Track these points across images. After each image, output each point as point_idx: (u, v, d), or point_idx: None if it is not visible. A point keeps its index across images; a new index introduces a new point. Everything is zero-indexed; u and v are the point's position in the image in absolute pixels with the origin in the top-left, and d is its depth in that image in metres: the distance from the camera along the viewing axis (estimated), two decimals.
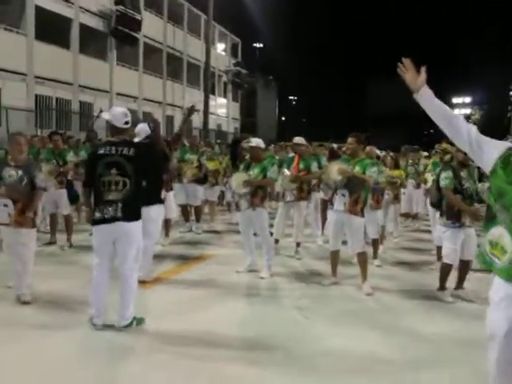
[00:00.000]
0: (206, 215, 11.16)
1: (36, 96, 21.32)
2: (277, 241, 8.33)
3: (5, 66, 19.35)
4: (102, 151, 4.70)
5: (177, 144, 6.16)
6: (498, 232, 2.43)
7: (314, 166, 8.23)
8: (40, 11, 21.12)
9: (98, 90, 25.34)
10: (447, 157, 7.93)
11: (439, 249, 7.07)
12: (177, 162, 9.86)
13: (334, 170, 6.17)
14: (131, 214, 4.65)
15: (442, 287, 6.12)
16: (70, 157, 8.56)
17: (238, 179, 6.91)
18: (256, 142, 7.17)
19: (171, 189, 8.70)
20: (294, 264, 7.79)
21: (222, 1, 29.75)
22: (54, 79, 22.21)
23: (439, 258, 7.18)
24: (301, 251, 8.30)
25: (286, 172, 8.06)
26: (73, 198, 8.75)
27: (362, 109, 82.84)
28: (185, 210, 10.26)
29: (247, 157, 7.36)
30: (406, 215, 12.32)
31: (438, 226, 6.44)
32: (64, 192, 8.38)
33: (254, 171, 6.88)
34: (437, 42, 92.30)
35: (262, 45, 58.72)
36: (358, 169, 6.20)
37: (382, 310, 5.64)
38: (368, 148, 9.06)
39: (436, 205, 6.52)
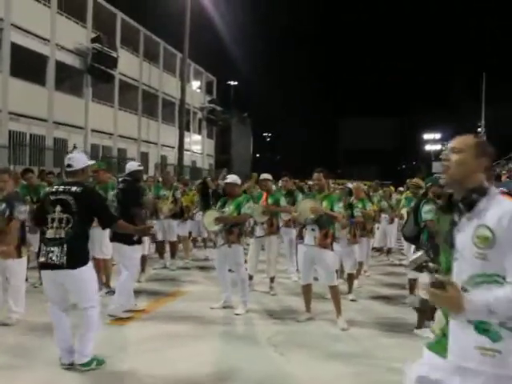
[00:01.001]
0: (180, 251, 11.15)
1: (10, 132, 21.20)
2: (251, 277, 8.26)
3: None
4: (52, 189, 4.72)
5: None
6: None
7: (283, 201, 8.32)
8: (16, 48, 21.19)
9: (73, 127, 25.33)
10: (420, 191, 8.14)
11: (413, 282, 7.15)
12: (152, 198, 10.00)
13: (307, 209, 6.23)
14: (76, 258, 4.44)
15: (420, 326, 5.97)
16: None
17: (209, 217, 6.93)
18: (232, 178, 7.20)
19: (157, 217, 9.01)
20: (268, 300, 7.77)
21: (198, 39, 30.37)
22: (29, 115, 22.15)
23: (411, 291, 7.29)
24: (276, 287, 8.30)
25: (256, 205, 8.06)
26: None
27: (335, 145, 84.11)
28: (161, 246, 10.27)
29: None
30: (380, 249, 12.54)
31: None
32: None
33: (230, 208, 6.90)
34: (408, 80, 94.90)
35: (236, 82, 59.59)
36: (325, 204, 6.29)
37: (358, 345, 5.65)
38: (356, 184, 9.53)
39: (411, 239, 6.44)
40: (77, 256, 4.45)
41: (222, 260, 7.01)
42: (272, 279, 8.28)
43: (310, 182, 14.39)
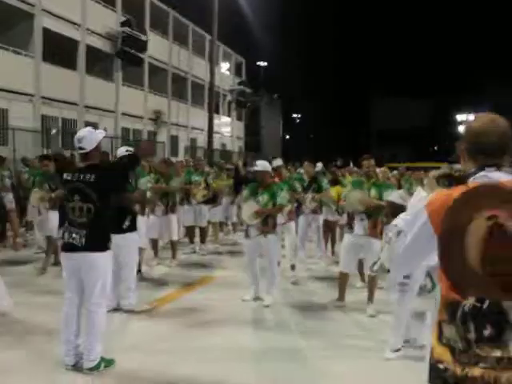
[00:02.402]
0: (210, 236, 11.21)
1: (42, 116, 21.53)
2: (293, 266, 8.13)
3: (12, 87, 19.59)
4: (67, 177, 4.60)
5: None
6: None
7: (297, 187, 8.51)
8: (47, 33, 21.41)
9: (104, 110, 25.56)
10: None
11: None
12: (183, 184, 10.06)
13: (356, 201, 6.16)
14: (96, 243, 4.46)
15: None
16: None
17: (248, 210, 6.54)
18: (262, 165, 6.74)
19: (173, 211, 8.82)
20: (291, 288, 7.65)
21: (226, 21, 30.09)
22: (61, 100, 22.43)
23: None
24: (301, 273, 8.23)
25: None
26: None
27: (366, 126, 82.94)
28: (191, 231, 10.35)
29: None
30: None
31: None
32: (56, 214, 7.81)
33: (264, 197, 6.57)
34: (441, 59, 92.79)
35: (265, 63, 59.16)
36: (374, 193, 6.23)
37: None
38: (381, 170, 9.08)
39: None
40: (96, 241, 4.46)
41: (254, 251, 6.74)
42: (293, 267, 8.10)
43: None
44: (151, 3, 30.26)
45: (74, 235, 4.45)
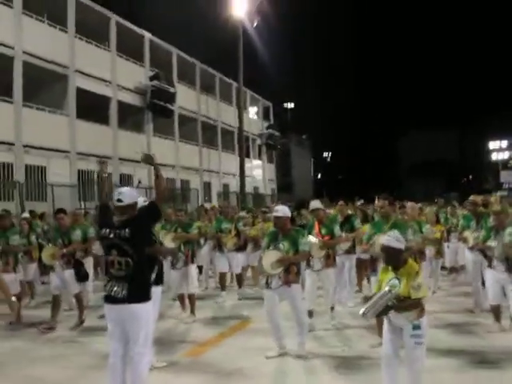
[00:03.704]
0: (249, 280, 11.21)
1: (79, 171, 22.21)
2: (311, 312, 7.67)
3: (49, 145, 20.37)
4: (102, 233, 4.75)
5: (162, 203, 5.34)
6: None
7: (337, 230, 7.74)
8: (80, 92, 22.30)
9: (138, 162, 26.10)
10: (480, 209, 7.85)
11: (496, 308, 7.01)
12: (215, 232, 10.23)
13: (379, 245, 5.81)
14: (137, 294, 4.59)
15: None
16: (76, 236, 8.24)
17: (269, 258, 6.14)
18: (282, 211, 6.44)
19: (192, 261, 8.55)
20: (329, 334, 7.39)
21: (252, 67, 30.92)
22: (96, 154, 23.12)
23: (497, 318, 7.05)
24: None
25: (313, 239, 7.41)
26: (82, 278, 8.23)
27: (397, 161, 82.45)
28: (223, 277, 10.21)
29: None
30: (452, 269, 11.91)
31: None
32: (71, 272, 8.02)
33: (285, 244, 6.23)
34: (468, 87, 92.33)
35: (292, 105, 60.02)
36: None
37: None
38: (410, 205, 9.13)
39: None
40: (137, 292, 4.58)
41: (275, 303, 6.33)
42: (332, 308, 7.83)
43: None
44: (178, 56, 31.29)
45: (115, 288, 4.59)
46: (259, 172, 43.66)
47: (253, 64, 32.64)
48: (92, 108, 22.94)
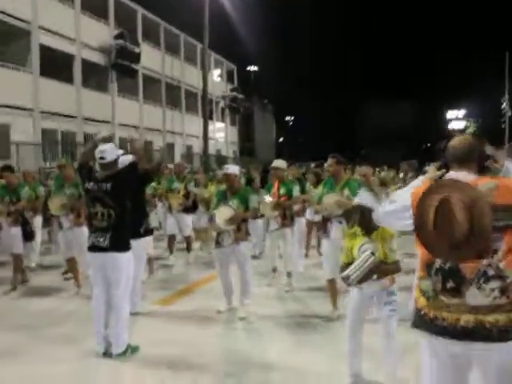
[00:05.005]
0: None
1: (42, 130, 22.18)
2: (274, 269, 7.93)
3: (13, 103, 20.25)
4: (87, 186, 5.20)
5: (156, 174, 6.01)
6: None
7: (296, 190, 7.58)
8: (43, 49, 22.10)
9: (101, 122, 26.19)
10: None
11: None
12: (164, 191, 9.81)
13: (332, 203, 5.86)
14: (118, 243, 5.04)
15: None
16: (24, 193, 8.07)
17: (222, 215, 6.14)
18: (231, 169, 6.53)
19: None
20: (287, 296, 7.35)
21: (217, 28, 30.80)
22: (59, 113, 23.08)
23: None
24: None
25: (267, 199, 7.43)
26: (28, 236, 8.20)
27: (358, 127, 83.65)
28: (171, 240, 9.91)
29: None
30: None
31: None
32: (18, 230, 7.97)
33: (234, 202, 6.28)
34: (430, 58, 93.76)
35: (256, 68, 59.87)
36: (347, 193, 5.93)
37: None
38: (364, 167, 9.10)
39: None
40: (118, 242, 5.07)
41: (227, 260, 6.43)
42: (289, 274, 7.65)
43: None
44: (143, 15, 30.99)
45: (98, 238, 5.08)
46: (222, 135, 43.94)
47: (218, 26, 32.53)
48: (56, 66, 22.72)
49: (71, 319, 6.28)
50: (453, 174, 2.74)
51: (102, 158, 5.15)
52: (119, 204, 5.08)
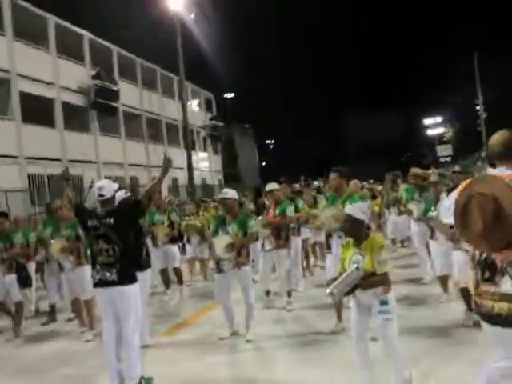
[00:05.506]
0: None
1: (28, 175, 22.21)
2: (268, 292, 7.96)
3: None
4: (90, 224, 5.23)
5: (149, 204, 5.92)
6: None
7: (290, 210, 7.71)
8: (24, 96, 22.26)
9: (86, 162, 26.26)
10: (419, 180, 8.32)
11: (443, 279, 7.07)
12: (147, 226, 9.30)
13: (329, 217, 5.90)
14: (126, 277, 5.08)
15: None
16: (17, 238, 8.01)
17: (221, 243, 6.22)
18: (231, 193, 6.52)
19: None
20: (287, 316, 7.43)
21: (191, 59, 31.16)
22: (44, 157, 23.14)
23: (445, 288, 7.11)
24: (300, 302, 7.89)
25: (259, 218, 7.57)
26: (24, 282, 8.20)
27: (341, 143, 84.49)
28: (165, 274, 9.62)
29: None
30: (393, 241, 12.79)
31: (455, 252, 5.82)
32: (13, 277, 7.89)
33: (233, 228, 6.33)
34: (402, 68, 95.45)
35: (233, 94, 60.51)
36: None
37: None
38: (352, 182, 8.99)
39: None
40: (125, 275, 5.13)
41: (227, 286, 6.45)
42: (289, 293, 7.72)
43: (315, 183, 14.29)
44: (118, 53, 31.36)
45: (105, 273, 5.14)
46: (206, 164, 44.09)
47: (192, 56, 32.96)
48: (37, 111, 22.87)
49: (79, 358, 6.32)
50: (492, 171, 2.92)
51: (101, 195, 5.25)
52: (123, 238, 5.17)
